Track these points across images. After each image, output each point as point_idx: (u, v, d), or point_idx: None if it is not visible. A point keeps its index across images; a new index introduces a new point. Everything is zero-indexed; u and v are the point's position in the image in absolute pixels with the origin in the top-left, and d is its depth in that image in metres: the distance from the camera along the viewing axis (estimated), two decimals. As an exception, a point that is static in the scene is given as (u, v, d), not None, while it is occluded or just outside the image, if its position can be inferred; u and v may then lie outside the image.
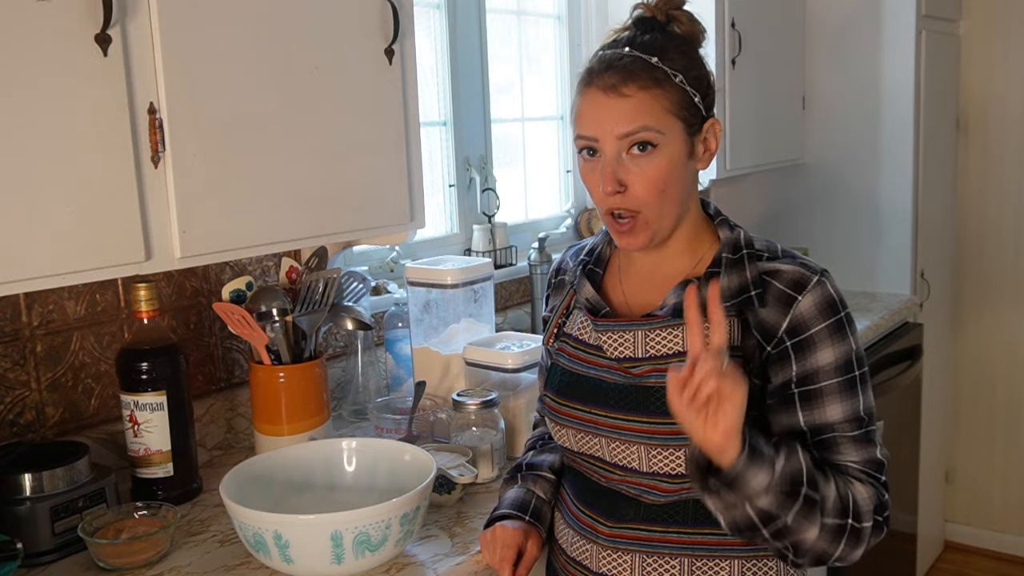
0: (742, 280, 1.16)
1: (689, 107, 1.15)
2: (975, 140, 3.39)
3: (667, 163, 1.14)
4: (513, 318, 2.34)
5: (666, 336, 1.17)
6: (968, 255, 3.45)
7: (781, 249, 1.20)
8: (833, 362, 1.13)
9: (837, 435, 1.13)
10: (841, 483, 1.10)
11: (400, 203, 1.58)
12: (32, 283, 1.14)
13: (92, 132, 1.15)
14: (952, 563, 3.50)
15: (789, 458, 1.06)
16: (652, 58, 1.14)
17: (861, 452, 1.14)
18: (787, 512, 1.05)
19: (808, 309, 1.13)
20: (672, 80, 1.14)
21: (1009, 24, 3.26)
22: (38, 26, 1.09)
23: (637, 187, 1.14)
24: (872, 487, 1.12)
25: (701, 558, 1.17)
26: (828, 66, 3.06)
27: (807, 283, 1.14)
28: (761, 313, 1.14)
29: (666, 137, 1.14)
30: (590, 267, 1.29)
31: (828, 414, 1.13)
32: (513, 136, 2.59)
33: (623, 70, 1.14)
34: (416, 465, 1.35)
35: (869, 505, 1.11)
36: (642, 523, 1.19)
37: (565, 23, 2.67)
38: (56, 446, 1.42)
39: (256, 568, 1.28)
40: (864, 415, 1.14)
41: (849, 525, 1.09)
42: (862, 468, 1.13)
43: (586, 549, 1.24)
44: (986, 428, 3.51)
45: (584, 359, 1.25)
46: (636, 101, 1.13)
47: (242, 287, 1.64)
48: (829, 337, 1.13)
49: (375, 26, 1.50)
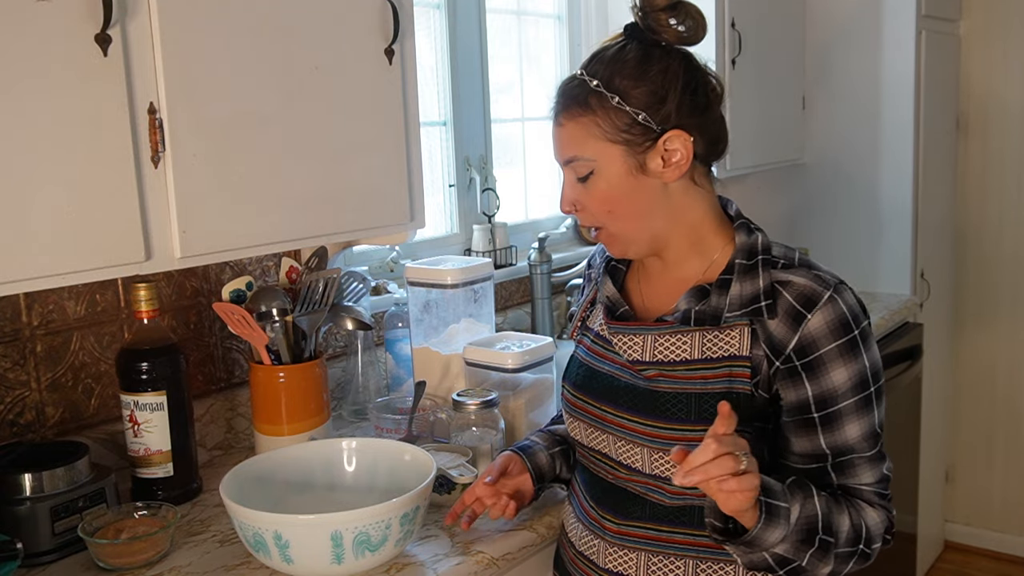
0: (755, 288, 1.15)
1: (631, 127, 1.14)
2: (975, 140, 3.39)
3: (605, 186, 1.16)
4: (513, 318, 2.34)
5: (675, 342, 1.17)
6: (968, 255, 3.45)
7: (799, 258, 1.18)
8: (848, 381, 1.12)
9: (856, 456, 1.15)
10: (855, 513, 1.14)
11: (400, 203, 1.58)
12: (32, 283, 1.14)
13: (92, 132, 1.15)
14: (952, 563, 3.50)
15: (804, 505, 1.09)
16: (593, 81, 1.15)
17: (875, 471, 1.16)
18: (803, 555, 1.09)
19: (818, 328, 1.11)
20: (608, 103, 1.14)
21: (1009, 24, 3.26)
22: (38, 26, 1.09)
23: (588, 207, 1.19)
24: (883, 510, 1.16)
25: (706, 560, 1.17)
26: (828, 66, 3.06)
27: (818, 300, 1.12)
28: (770, 325, 1.13)
29: (598, 163, 1.16)
30: (613, 264, 1.31)
31: (848, 435, 1.14)
32: (513, 136, 2.59)
33: (563, 96, 1.19)
34: (416, 465, 1.35)
35: (880, 529, 1.15)
36: (649, 522, 1.19)
37: (565, 23, 2.67)
38: (56, 446, 1.42)
39: (256, 568, 1.28)
40: (879, 429, 1.16)
41: (860, 551, 1.14)
42: (875, 490, 1.16)
43: (594, 544, 1.25)
44: (986, 428, 3.51)
45: (601, 355, 1.26)
46: (566, 131, 1.17)
47: (242, 287, 1.64)
48: (841, 357, 1.12)
49: (375, 26, 1.50)
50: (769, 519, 1.05)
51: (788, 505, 1.07)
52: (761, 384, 1.14)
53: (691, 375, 1.15)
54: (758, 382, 1.14)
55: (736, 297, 1.15)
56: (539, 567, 1.43)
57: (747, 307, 1.14)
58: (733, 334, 1.14)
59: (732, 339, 1.14)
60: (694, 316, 1.16)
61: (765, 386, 1.14)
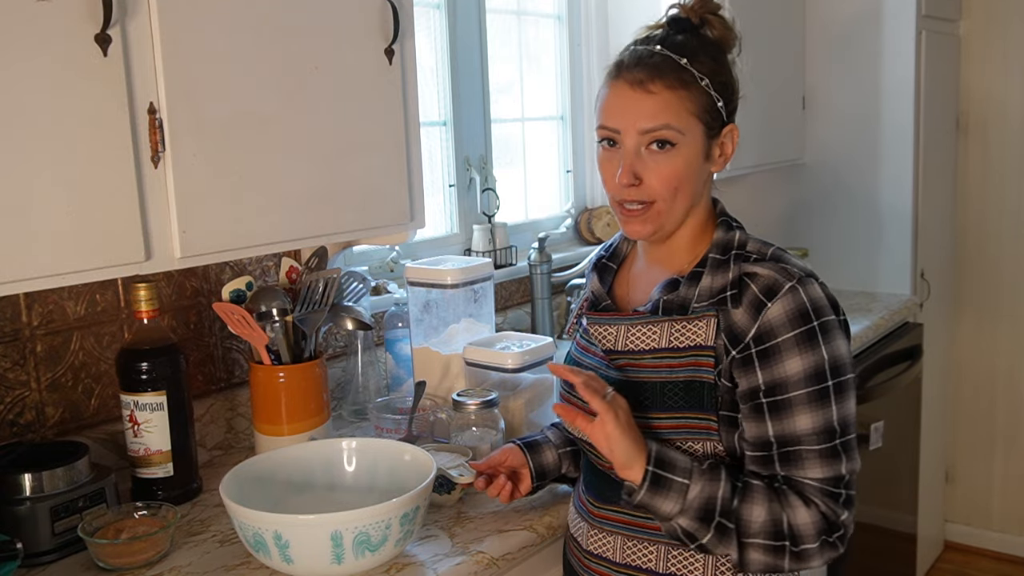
0: (724, 281, 1.18)
1: (711, 111, 1.18)
2: (975, 140, 3.39)
3: (683, 162, 1.17)
4: (513, 318, 2.34)
5: (645, 332, 1.21)
6: (968, 255, 3.45)
7: (773, 252, 1.20)
8: (801, 372, 1.13)
9: (803, 448, 1.13)
10: (777, 506, 1.12)
11: (400, 203, 1.58)
12: (32, 283, 1.14)
13: (92, 132, 1.15)
14: (952, 563, 3.50)
15: (707, 485, 1.12)
16: (682, 59, 1.17)
17: (826, 468, 1.13)
18: (703, 535, 1.12)
19: (776, 317, 1.13)
20: (698, 83, 1.17)
21: (1009, 24, 3.26)
22: (38, 26, 1.09)
23: (652, 182, 1.18)
24: (818, 510, 1.13)
25: (677, 547, 1.21)
26: (828, 66, 3.06)
27: (779, 289, 1.14)
28: (734, 315, 1.16)
29: (685, 138, 1.17)
30: (604, 261, 1.34)
31: (796, 425, 1.13)
32: (513, 136, 2.59)
33: (652, 67, 1.17)
34: (416, 465, 1.35)
35: (811, 530, 1.13)
36: (625, 507, 1.20)
37: (565, 23, 2.67)
38: (56, 446, 1.42)
39: (256, 568, 1.28)
40: (837, 426, 1.14)
41: (787, 548, 1.13)
42: (820, 487, 1.13)
43: (580, 527, 1.31)
44: (986, 428, 3.50)
45: (584, 348, 1.31)
46: (661, 99, 1.16)
47: (242, 287, 1.64)
48: (797, 346, 1.12)
49: (375, 26, 1.50)
50: (655, 488, 1.11)
51: (687, 481, 1.11)
52: (723, 373, 1.16)
53: (657, 363, 1.19)
54: (720, 371, 1.16)
55: (706, 289, 1.18)
56: (539, 567, 1.43)
57: (715, 298, 1.17)
58: (700, 324, 1.17)
59: (699, 329, 1.17)
60: (662, 305, 1.20)
61: (727, 375, 1.16)
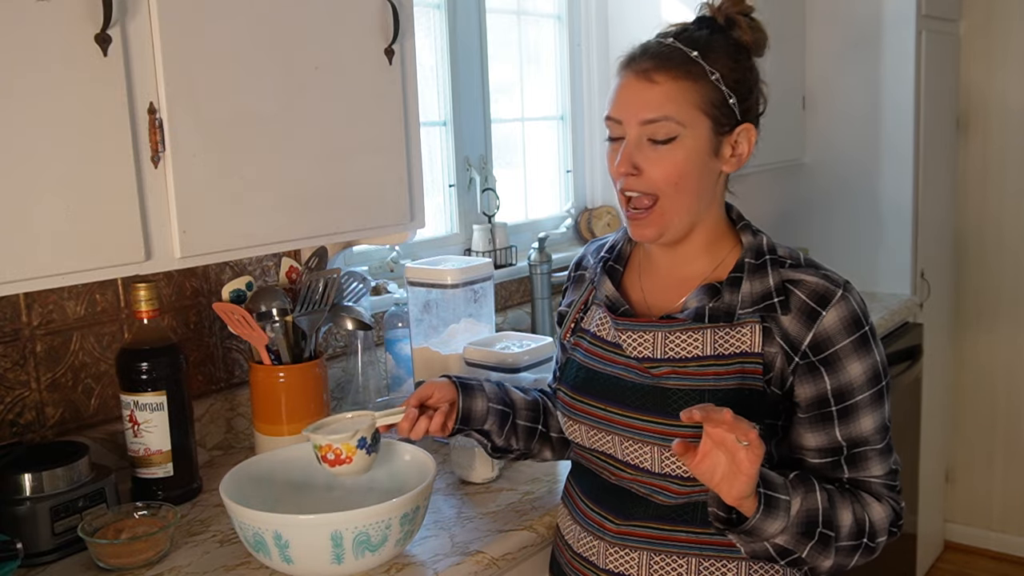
0: (765, 287, 1.17)
1: (722, 106, 1.16)
2: (975, 140, 3.39)
3: (684, 156, 1.15)
4: (513, 318, 2.34)
5: (686, 339, 1.18)
6: (968, 255, 3.45)
7: (804, 258, 1.21)
8: (863, 375, 1.15)
9: (868, 448, 1.17)
10: (859, 508, 1.15)
11: (400, 203, 1.58)
12: (32, 283, 1.14)
13: (92, 132, 1.15)
14: (952, 563, 3.50)
15: (805, 498, 1.10)
16: (692, 52, 1.15)
17: (885, 464, 1.19)
18: (803, 548, 1.11)
19: (832, 325, 1.14)
20: (707, 77, 1.15)
21: (1009, 24, 3.26)
22: (38, 26, 1.09)
23: (652, 173, 1.16)
24: (889, 504, 1.18)
25: (709, 558, 1.18)
26: (828, 66, 3.06)
27: (831, 297, 1.15)
28: (784, 322, 1.15)
29: (688, 131, 1.15)
30: (611, 264, 1.30)
31: (863, 427, 1.16)
32: (513, 136, 2.59)
33: (658, 57, 1.16)
34: (416, 465, 1.35)
35: (885, 524, 1.17)
36: (651, 521, 1.19)
37: (565, 23, 2.67)
38: (56, 446, 1.42)
39: (256, 568, 1.28)
40: (888, 422, 1.19)
41: (864, 544, 1.15)
42: (884, 482, 1.19)
43: (593, 545, 1.25)
44: (986, 428, 3.50)
45: (601, 356, 1.25)
46: (664, 90, 1.14)
47: (242, 287, 1.64)
48: (855, 352, 1.15)
49: (375, 26, 1.50)
50: (768, 510, 1.07)
51: (788, 498, 1.09)
52: (774, 380, 1.15)
53: (703, 371, 1.16)
54: (771, 379, 1.15)
55: (748, 295, 1.17)
56: (539, 567, 1.43)
57: (759, 304, 1.16)
58: (744, 331, 1.16)
59: (744, 336, 1.16)
60: (708, 313, 1.17)
61: (778, 382, 1.15)
